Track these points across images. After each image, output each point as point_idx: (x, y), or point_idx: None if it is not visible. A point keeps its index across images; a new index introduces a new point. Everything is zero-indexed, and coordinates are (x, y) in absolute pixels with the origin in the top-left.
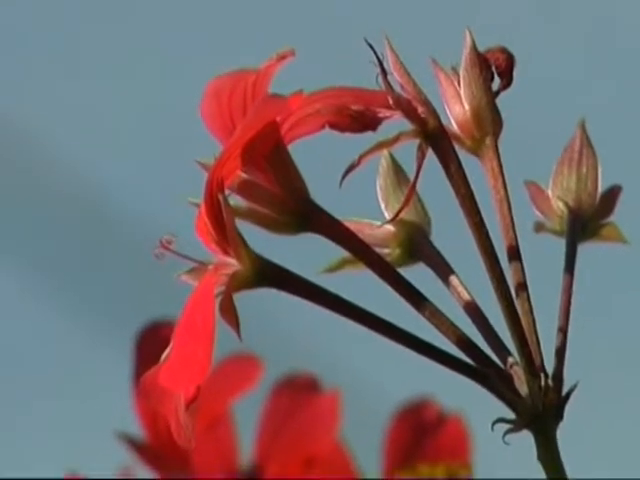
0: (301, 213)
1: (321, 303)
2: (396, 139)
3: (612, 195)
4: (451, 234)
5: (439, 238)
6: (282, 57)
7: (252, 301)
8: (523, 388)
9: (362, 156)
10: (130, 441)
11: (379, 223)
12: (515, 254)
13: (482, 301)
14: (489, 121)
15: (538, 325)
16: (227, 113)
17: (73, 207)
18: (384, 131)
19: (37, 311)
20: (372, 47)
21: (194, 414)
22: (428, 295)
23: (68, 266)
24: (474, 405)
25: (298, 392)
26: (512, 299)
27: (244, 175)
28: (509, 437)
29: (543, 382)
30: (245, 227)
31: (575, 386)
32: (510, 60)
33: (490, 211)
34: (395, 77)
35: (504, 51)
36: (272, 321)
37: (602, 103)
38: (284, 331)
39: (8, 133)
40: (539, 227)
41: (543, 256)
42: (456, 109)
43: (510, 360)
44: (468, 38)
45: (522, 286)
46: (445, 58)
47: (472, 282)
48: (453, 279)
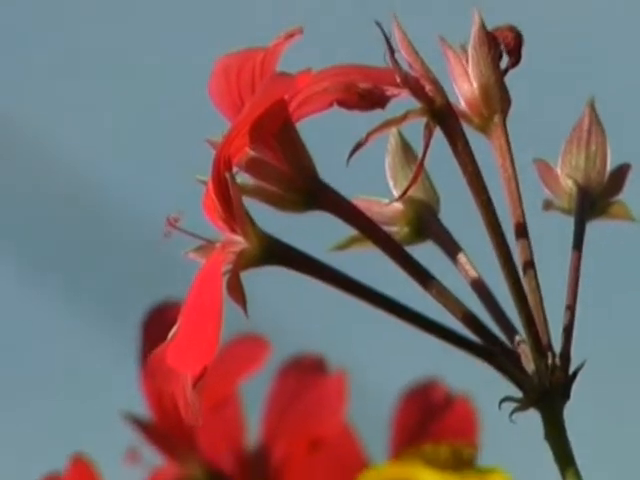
0: (309, 191)
1: (328, 281)
2: (404, 117)
3: (621, 173)
4: (459, 212)
5: (447, 216)
6: (290, 35)
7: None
8: (530, 366)
9: (370, 134)
10: (136, 421)
11: (387, 201)
12: (522, 232)
13: (489, 279)
14: (497, 99)
15: (545, 303)
16: (235, 91)
17: (73, 207)
18: (392, 109)
19: (37, 311)
20: (380, 25)
21: (201, 393)
22: (435, 274)
23: (68, 266)
24: (480, 387)
25: (305, 373)
26: (519, 277)
27: (252, 153)
28: (516, 416)
29: (550, 360)
30: (253, 205)
31: (582, 365)
32: (518, 38)
33: (498, 189)
34: (403, 55)
35: (512, 29)
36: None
37: (612, 81)
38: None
39: (8, 133)
40: (548, 205)
41: (551, 234)
42: (464, 87)
43: (517, 338)
44: (477, 16)
45: (529, 264)
46: (454, 36)
47: (479, 260)
48: (461, 257)
